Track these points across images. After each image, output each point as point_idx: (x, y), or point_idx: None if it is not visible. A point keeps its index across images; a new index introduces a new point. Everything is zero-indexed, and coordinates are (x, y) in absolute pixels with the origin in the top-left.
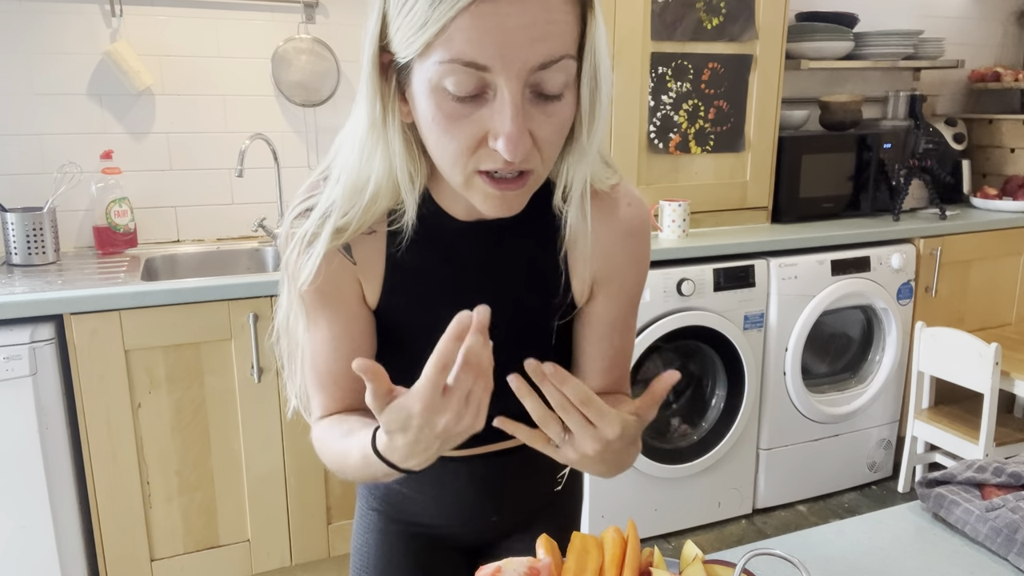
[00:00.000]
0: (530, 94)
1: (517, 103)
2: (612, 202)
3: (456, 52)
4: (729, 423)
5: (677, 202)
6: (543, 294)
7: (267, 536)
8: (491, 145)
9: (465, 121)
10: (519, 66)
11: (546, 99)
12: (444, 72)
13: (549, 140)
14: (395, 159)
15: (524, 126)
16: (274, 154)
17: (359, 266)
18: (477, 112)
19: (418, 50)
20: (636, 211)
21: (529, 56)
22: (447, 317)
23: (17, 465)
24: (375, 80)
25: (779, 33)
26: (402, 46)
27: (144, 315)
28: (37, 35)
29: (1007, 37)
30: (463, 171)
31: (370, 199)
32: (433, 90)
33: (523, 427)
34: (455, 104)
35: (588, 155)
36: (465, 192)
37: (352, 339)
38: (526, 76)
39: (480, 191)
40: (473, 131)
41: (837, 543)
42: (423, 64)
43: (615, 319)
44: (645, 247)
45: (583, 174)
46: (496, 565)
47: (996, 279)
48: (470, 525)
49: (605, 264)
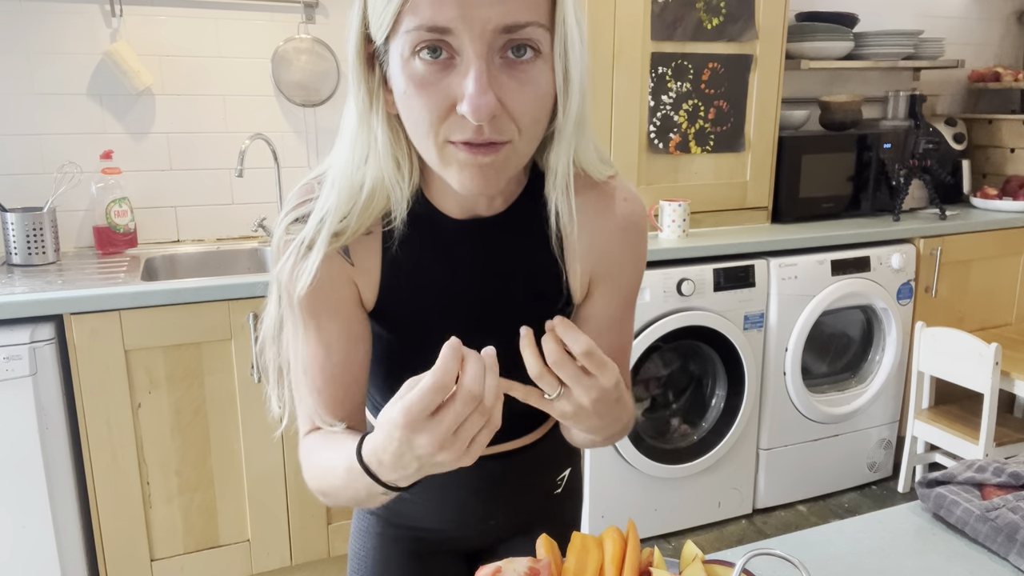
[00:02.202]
0: (500, 61)
1: (480, 65)
2: (608, 195)
3: (420, 19)
4: (729, 423)
5: (677, 202)
6: (539, 291)
7: (267, 536)
8: (458, 110)
9: (433, 89)
10: (480, 26)
11: (517, 65)
12: (411, 40)
13: (525, 111)
14: (382, 151)
15: (487, 86)
16: (274, 154)
17: (356, 267)
18: (445, 79)
19: (389, 25)
20: (633, 206)
21: (491, 15)
22: (444, 316)
23: (17, 465)
24: (360, 71)
25: (779, 33)
26: (376, 26)
27: (144, 315)
28: (37, 35)
29: (1007, 37)
30: (435, 142)
31: (366, 199)
32: (404, 63)
33: (518, 384)
34: (423, 73)
35: (566, 133)
36: (443, 170)
37: (346, 343)
38: (490, 38)
39: (454, 161)
40: (441, 97)
41: (837, 543)
42: (395, 41)
43: (612, 317)
44: (642, 244)
45: (566, 155)
46: (496, 565)
47: (996, 279)
48: (468, 528)
49: (602, 259)
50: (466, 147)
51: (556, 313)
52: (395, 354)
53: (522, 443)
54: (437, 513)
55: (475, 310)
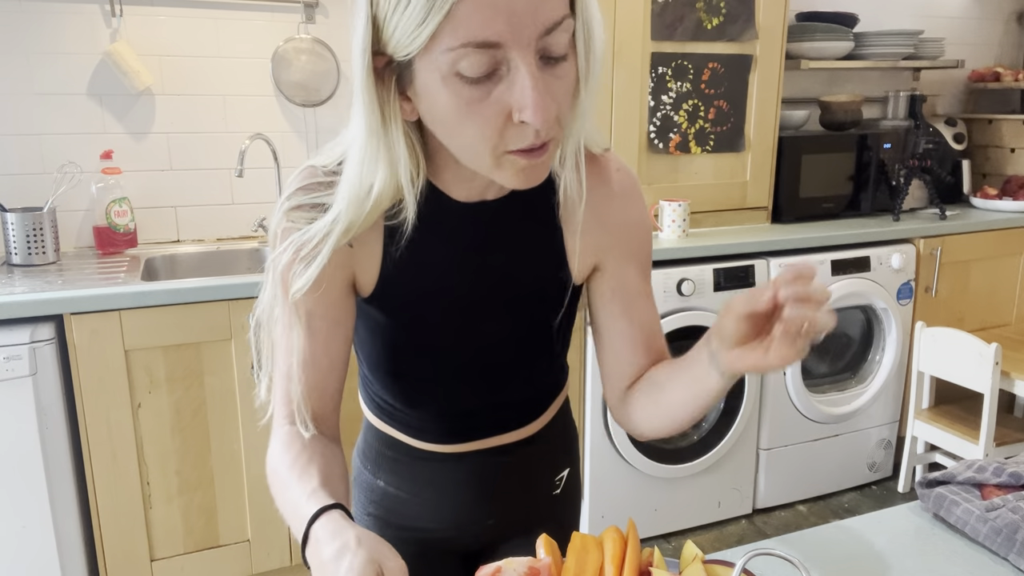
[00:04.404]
0: (539, 60)
1: (535, 72)
2: (604, 166)
3: (465, 35)
4: (729, 423)
5: (677, 202)
6: (540, 271)
7: (267, 536)
8: (516, 119)
9: (485, 104)
10: (529, 34)
11: (554, 62)
12: (456, 58)
13: (563, 103)
14: (400, 160)
15: (545, 92)
16: (274, 154)
17: (356, 251)
18: (494, 91)
19: (423, 44)
20: (626, 175)
21: (536, 22)
22: (445, 298)
23: (17, 465)
24: (371, 87)
25: (779, 33)
26: (402, 44)
27: (144, 315)
28: (37, 35)
29: (1007, 37)
30: (492, 154)
31: (374, 204)
32: (445, 79)
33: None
34: (471, 88)
35: (586, 111)
36: (493, 174)
37: (329, 325)
38: (536, 43)
39: (512, 167)
40: (495, 111)
41: (837, 543)
42: (429, 56)
43: (636, 287)
44: (641, 208)
45: (579, 132)
46: (496, 565)
47: (996, 279)
48: (467, 529)
49: (603, 230)
50: (524, 154)
51: (556, 293)
52: (394, 339)
53: (518, 436)
54: (435, 513)
55: (477, 292)
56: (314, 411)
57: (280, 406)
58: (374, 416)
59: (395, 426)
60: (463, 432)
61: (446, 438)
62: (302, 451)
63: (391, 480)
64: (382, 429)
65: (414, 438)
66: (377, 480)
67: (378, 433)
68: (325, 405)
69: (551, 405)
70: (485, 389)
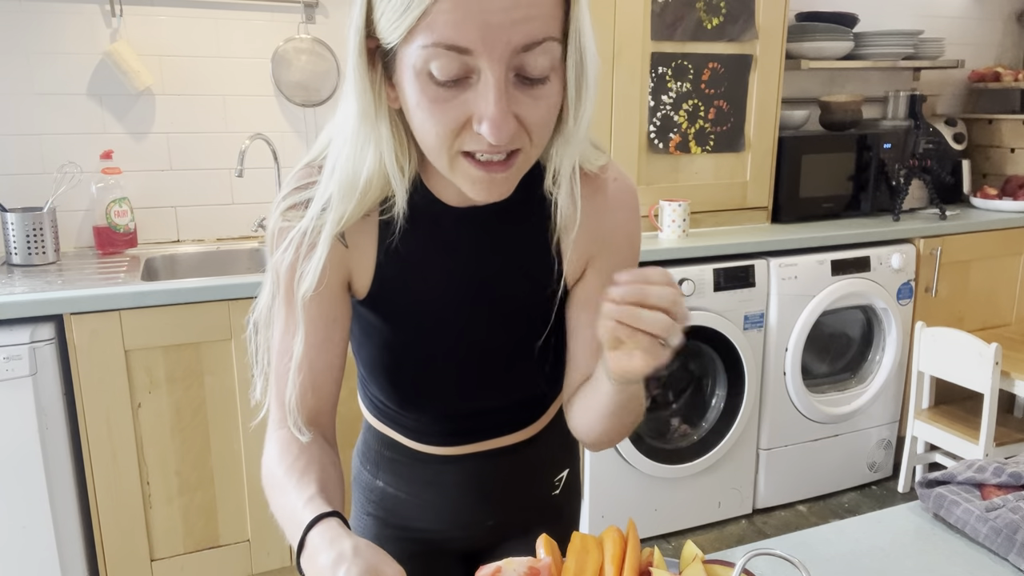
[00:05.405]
0: (514, 77)
1: (500, 86)
2: (601, 182)
3: (438, 36)
4: (729, 423)
5: (677, 202)
6: (533, 276)
7: (267, 536)
8: (475, 128)
9: (449, 105)
10: (501, 48)
11: (531, 82)
12: (427, 56)
13: (537, 123)
14: (384, 147)
15: (508, 109)
16: (274, 154)
17: (351, 252)
18: (461, 96)
19: (401, 35)
20: (623, 185)
21: (511, 37)
22: (439, 303)
23: (17, 465)
24: (362, 68)
25: (779, 33)
26: (386, 31)
27: (144, 315)
28: (37, 35)
29: (1007, 37)
30: (447, 153)
31: (363, 190)
32: (417, 75)
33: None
34: (439, 88)
35: (576, 139)
36: (451, 176)
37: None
38: (508, 58)
39: (466, 174)
40: (456, 114)
41: (837, 543)
42: (407, 49)
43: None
44: (634, 220)
45: (571, 158)
46: (496, 565)
47: (996, 279)
48: (466, 529)
49: (595, 241)
50: (477, 164)
51: (548, 298)
52: (389, 342)
53: (517, 439)
54: (435, 514)
55: (470, 296)
56: (311, 410)
57: (276, 408)
58: (373, 417)
59: (394, 428)
60: (461, 435)
61: (445, 440)
62: (299, 456)
63: (391, 481)
64: (381, 430)
65: (413, 440)
66: (377, 480)
67: (377, 434)
68: (322, 405)
69: (550, 406)
70: (481, 393)
